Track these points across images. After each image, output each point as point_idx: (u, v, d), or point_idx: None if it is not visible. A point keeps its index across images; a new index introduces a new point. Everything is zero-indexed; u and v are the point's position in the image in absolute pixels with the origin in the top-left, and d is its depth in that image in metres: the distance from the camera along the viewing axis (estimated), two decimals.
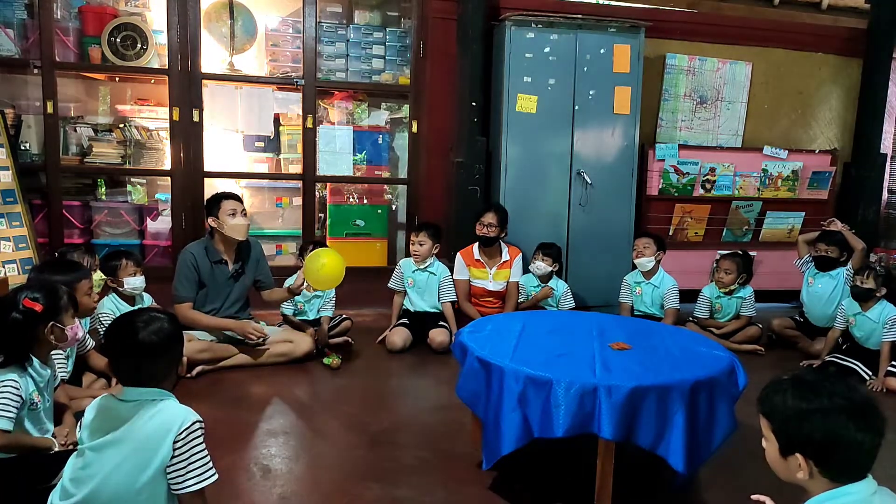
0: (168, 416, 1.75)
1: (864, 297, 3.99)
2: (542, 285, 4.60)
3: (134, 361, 1.78)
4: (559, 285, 4.64)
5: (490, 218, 4.52)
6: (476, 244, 4.62)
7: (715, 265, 4.80)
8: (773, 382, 1.49)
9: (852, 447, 1.35)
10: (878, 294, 3.97)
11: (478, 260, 4.61)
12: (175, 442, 1.71)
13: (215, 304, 3.86)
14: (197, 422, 1.75)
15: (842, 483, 1.37)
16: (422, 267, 4.42)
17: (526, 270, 4.67)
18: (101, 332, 3.20)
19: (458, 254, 4.70)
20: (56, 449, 2.21)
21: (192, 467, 1.72)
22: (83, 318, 2.96)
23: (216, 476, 1.76)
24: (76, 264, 3.09)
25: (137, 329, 1.77)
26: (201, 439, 1.75)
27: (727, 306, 4.66)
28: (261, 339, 3.79)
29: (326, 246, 4.63)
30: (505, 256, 4.62)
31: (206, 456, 1.75)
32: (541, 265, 4.53)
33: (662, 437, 2.24)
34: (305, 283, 3.69)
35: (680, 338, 2.94)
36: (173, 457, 1.71)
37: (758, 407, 1.50)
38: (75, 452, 1.80)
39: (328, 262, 3.54)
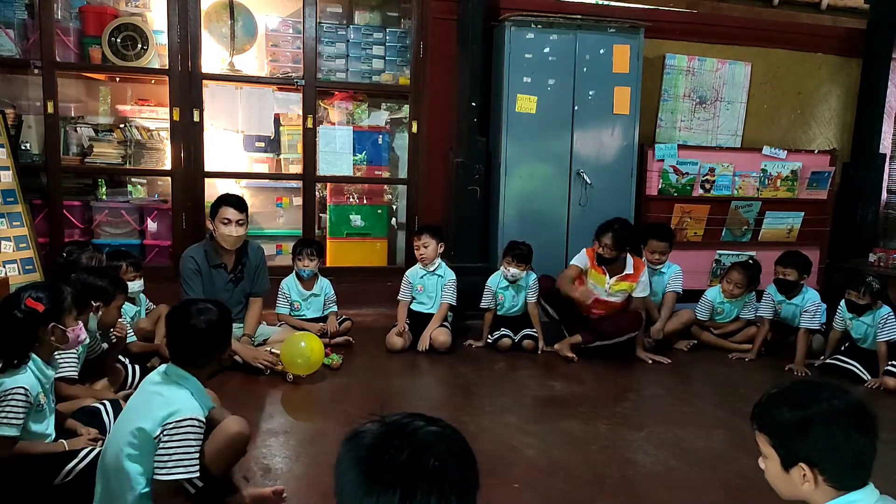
0: (170, 402, 1.85)
1: (860, 312, 3.99)
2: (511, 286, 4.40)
3: (175, 342, 2.03)
4: (530, 275, 4.45)
5: (608, 239, 4.19)
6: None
7: (715, 266, 4.79)
8: (765, 397, 1.48)
9: (855, 449, 1.36)
10: (874, 308, 3.96)
11: (599, 265, 4.31)
12: (164, 428, 1.81)
13: None
14: (192, 418, 1.80)
15: (846, 490, 1.38)
16: (430, 269, 4.40)
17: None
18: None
19: (584, 250, 4.41)
20: (81, 446, 2.23)
21: (171, 457, 1.79)
22: (102, 329, 2.98)
23: (190, 475, 1.81)
24: (120, 279, 3.12)
25: (190, 315, 2.02)
26: (191, 436, 1.79)
27: (729, 311, 4.69)
28: (267, 371, 3.67)
29: (320, 244, 4.65)
30: (628, 269, 4.29)
31: (188, 452, 1.80)
32: (515, 272, 4.32)
33: None
34: (270, 350, 3.73)
35: None
36: (161, 443, 1.80)
37: (752, 424, 1.49)
38: None
39: (307, 348, 3.54)
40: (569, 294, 4.29)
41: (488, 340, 4.39)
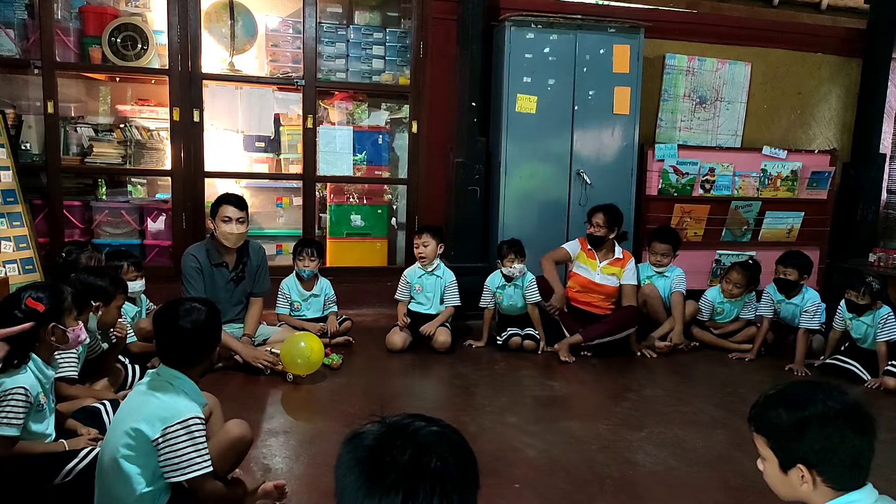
0: (167, 406, 1.85)
1: (860, 312, 3.99)
2: (508, 285, 4.40)
3: (164, 343, 2.02)
4: (527, 275, 4.44)
5: (599, 219, 4.43)
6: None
7: (715, 266, 4.79)
8: (762, 399, 1.49)
9: (852, 450, 1.37)
10: (873, 308, 3.95)
11: (590, 249, 4.52)
12: (166, 431, 1.80)
13: None
14: (193, 416, 1.80)
15: (844, 491, 1.38)
16: (429, 270, 4.40)
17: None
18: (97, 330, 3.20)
19: (577, 238, 4.66)
20: (81, 446, 2.24)
21: (182, 458, 1.80)
22: (102, 329, 2.99)
23: (204, 471, 1.83)
24: (120, 279, 3.14)
25: (178, 315, 1.99)
26: (196, 433, 1.80)
27: (729, 311, 4.70)
28: (267, 371, 3.68)
29: (320, 244, 4.65)
30: (617, 254, 4.50)
31: (198, 449, 1.81)
32: (519, 266, 4.34)
33: None
34: (270, 351, 3.72)
35: None
36: (163, 445, 1.80)
37: (750, 426, 1.49)
38: None
39: (307, 348, 3.53)
40: (546, 272, 4.50)
41: (498, 341, 4.40)
